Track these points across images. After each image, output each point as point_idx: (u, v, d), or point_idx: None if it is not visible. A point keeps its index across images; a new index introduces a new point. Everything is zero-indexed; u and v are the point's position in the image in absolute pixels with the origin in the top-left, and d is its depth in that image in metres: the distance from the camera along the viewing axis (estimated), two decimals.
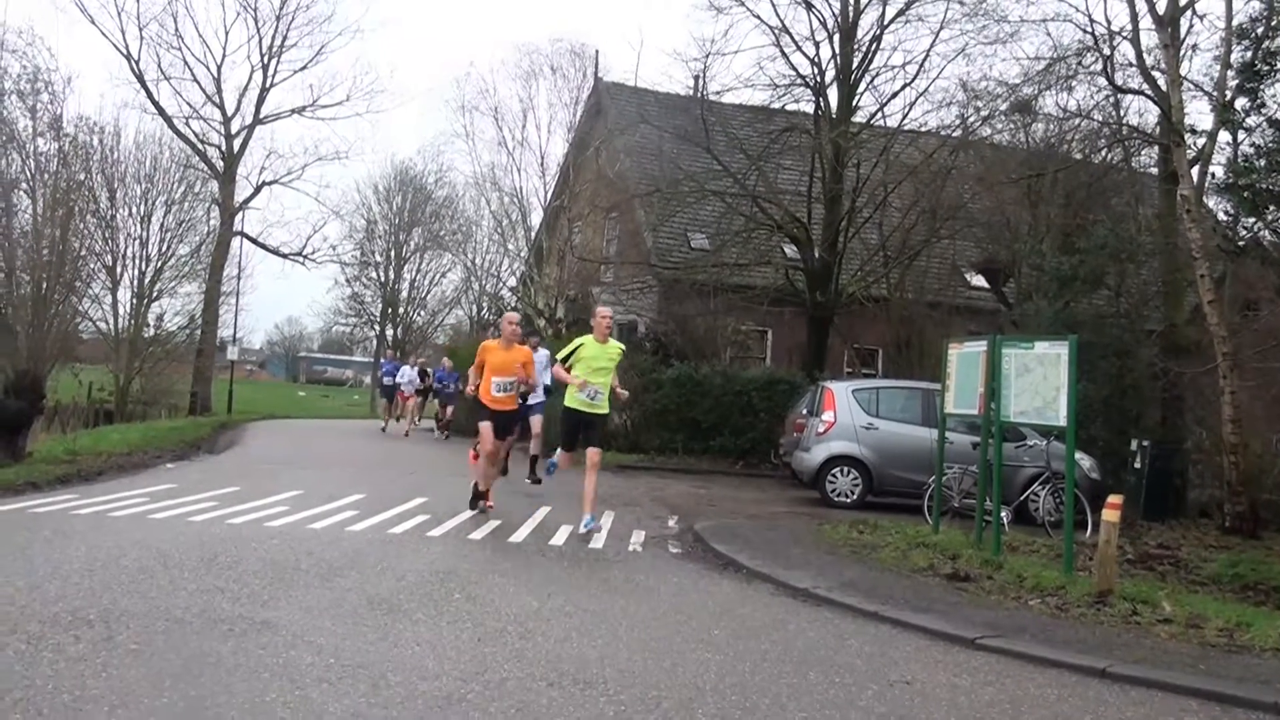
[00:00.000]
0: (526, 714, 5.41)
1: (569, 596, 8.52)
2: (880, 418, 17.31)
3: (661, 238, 27.53)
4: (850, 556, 11.22)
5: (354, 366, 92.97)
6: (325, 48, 52.04)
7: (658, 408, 23.08)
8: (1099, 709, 6.15)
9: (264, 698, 5.40)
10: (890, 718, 5.75)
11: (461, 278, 50.80)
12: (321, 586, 8.25)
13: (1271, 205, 12.52)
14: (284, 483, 14.97)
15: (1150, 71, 20.01)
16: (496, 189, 32.93)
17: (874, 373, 26.57)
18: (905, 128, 25.41)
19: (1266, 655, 7.50)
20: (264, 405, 43.13)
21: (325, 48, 52.04)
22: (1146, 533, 15.37)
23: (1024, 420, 11.57)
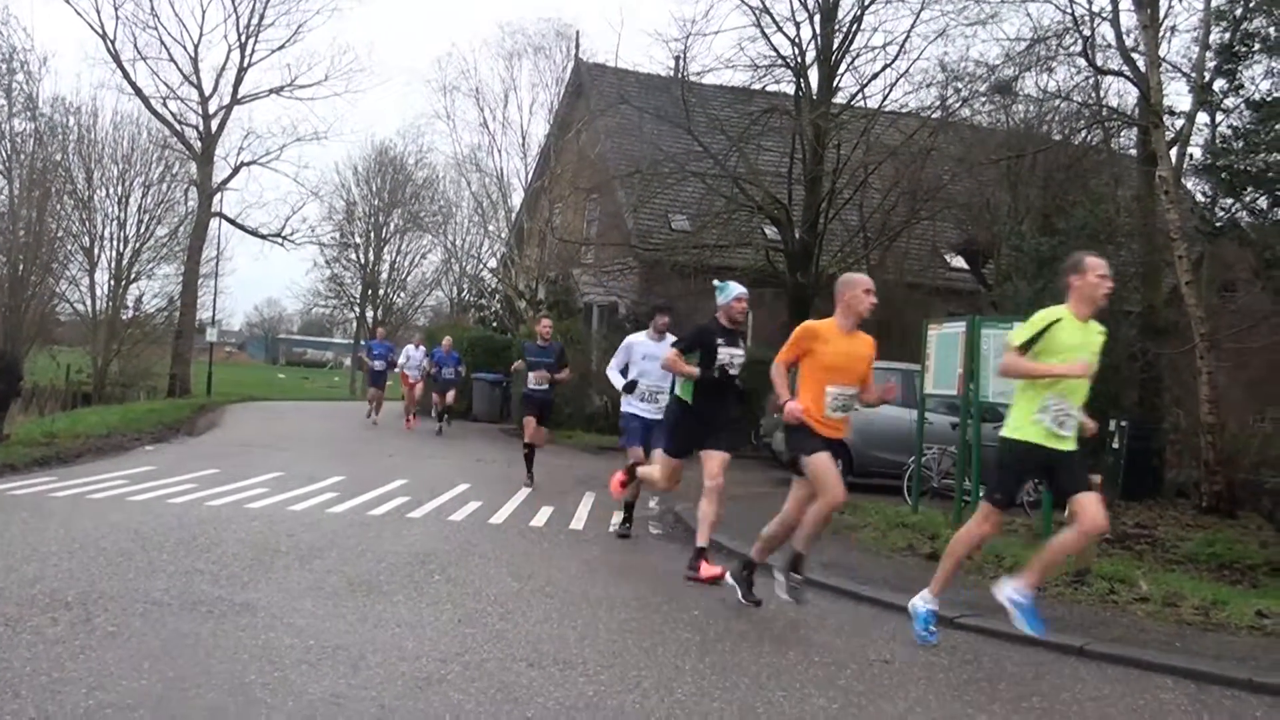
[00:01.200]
0: (506, 694, 5.42)
1: (549, 577, 8.53)
2: None
3: (642, 219, 27.49)
4: (830, 537, 11.23)
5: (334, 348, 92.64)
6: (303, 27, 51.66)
7: None
8: (1075, 686, 6.20)
9: (243, 679, 5.40)
10: (870, 696, 5.78)
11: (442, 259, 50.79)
12: (301, 568, 8.25)
13: (1249, 186, 12.57)
14: (263, 465, 14.95)
15: (1129, 53, 20.04)
16: (477, 170, 32.91)
17: None
18: (886, 109, 25.40)
19: (1241, 633, 7.57)
20: (244, 387, 42.95)
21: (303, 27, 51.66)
22: (1124, 512, 15.44)
23: (1003, 401, 11.60)
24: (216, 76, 41.46)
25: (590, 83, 30.32)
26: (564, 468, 17.46)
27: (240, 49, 41.11)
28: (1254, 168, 12.14)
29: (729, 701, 5.52)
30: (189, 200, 42.48)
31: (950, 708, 5.66)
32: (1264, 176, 12.03)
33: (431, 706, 5.16)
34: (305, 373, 76.79)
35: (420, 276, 57.76)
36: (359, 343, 58.66)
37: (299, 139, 57.58)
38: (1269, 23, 12.74)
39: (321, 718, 4.95)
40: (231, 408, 30.73)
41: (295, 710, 5.01)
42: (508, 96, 33.95)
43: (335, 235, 53.95)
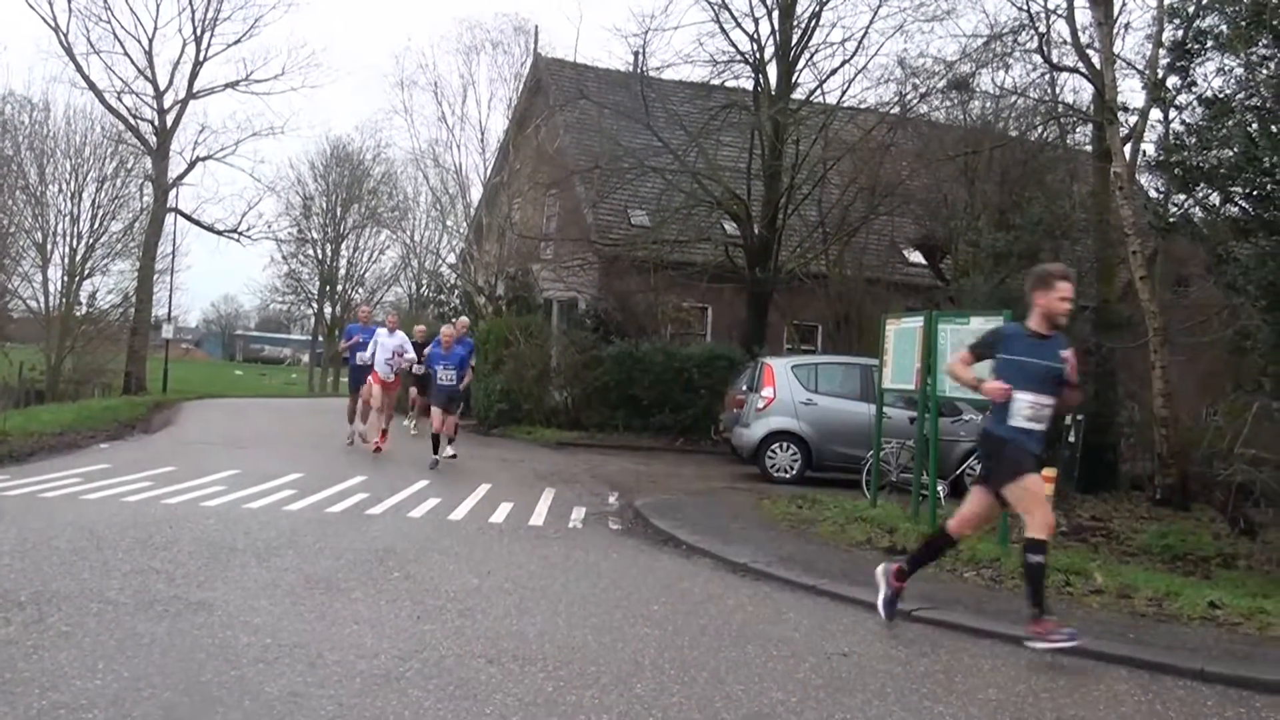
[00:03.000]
0: (465, 691, 5.41)
1: (509, 574, 8.51)
2: (819, 393, 17.42)
3: (602, 214, 27.47)
4: (789, 531, 11.31)
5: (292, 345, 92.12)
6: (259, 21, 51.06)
7: (598, 385, 23.09)
8: (1030, 678, 6.25)
9: (199, 678, 5.36)
10: (828, 689, 5.81)
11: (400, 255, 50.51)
12: (258, 566, 8.19)
13: (1201, 183, 12.70)
14: (220, 462, 14.82)
15: (1085, 50, 20.26)
16: (436, 165, 32.68)
17: (813, 349, 26.71)
18: (844, 105, 25.51)
19: (1194, 624, 7.66)
20: (200, 384, 42.61)
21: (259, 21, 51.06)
22: (1080, 505, 15.62)
23: (960, 395, 11.71)
24: (171, 70, 41.11)
25: (549, 78, 30.24)
26: (523, 463, 17.43)
27: (195, 43, 40.76)
28: (1206, 164, 12.26)
29: (688, 696, 5.53)
30: (144, 195, 42.03)
31: (907, 700, 5.70)
32: (1216, 173, 12.15)
33: (389, 704, 5.14)
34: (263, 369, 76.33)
35: (379, 272, 57.54)
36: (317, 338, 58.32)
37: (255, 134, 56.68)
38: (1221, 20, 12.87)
39: (279, 716, 4.93)
40: (188, 405, 30.44)
41: (252, 709, 4.98)
42: (466, 91, 33.86)
43: (292, 231, 53.71)
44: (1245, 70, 12.63)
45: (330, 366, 58.09)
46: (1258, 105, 12.12)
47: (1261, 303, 11.30)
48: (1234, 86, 12.85)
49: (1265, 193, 11.31)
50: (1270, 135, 11.33)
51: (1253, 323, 12.73)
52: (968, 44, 28.96)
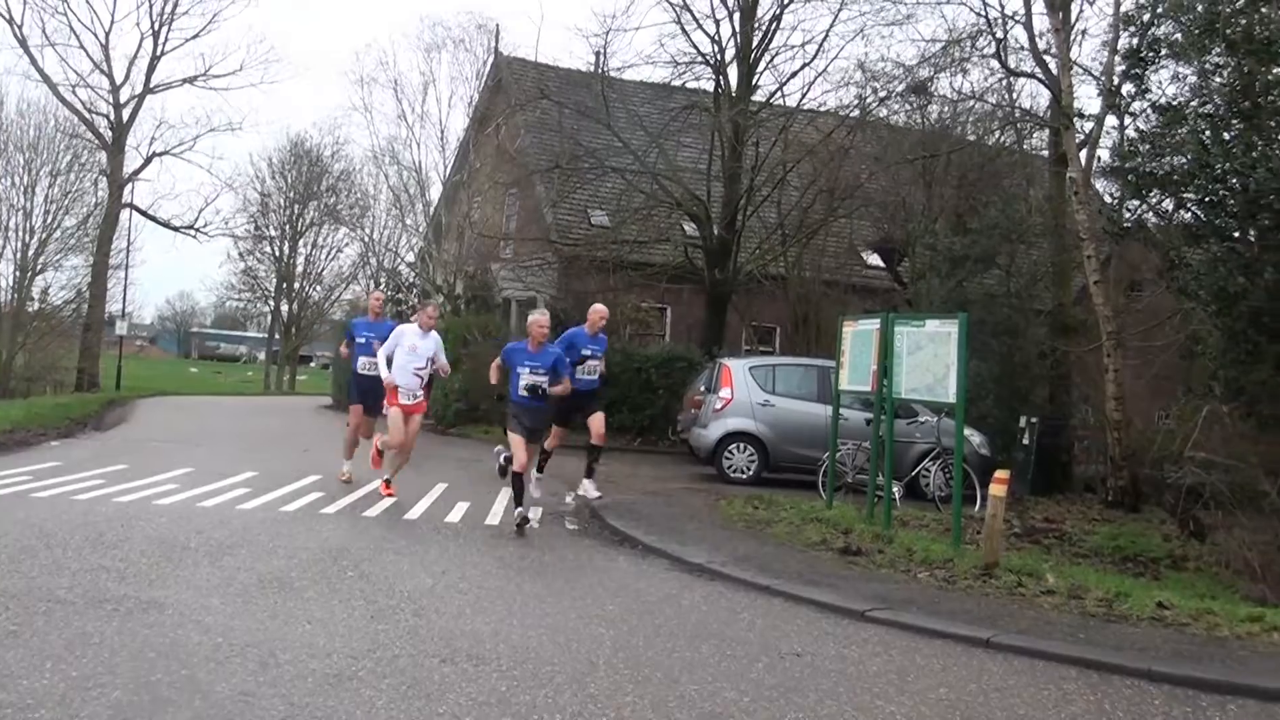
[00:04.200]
0: (418, 691, 5.39)
1: (464, 573, 8.49)
2: (777, 394, 17.47)
3: (561, 214, 27.43)
4: (745, 532, 11.33)
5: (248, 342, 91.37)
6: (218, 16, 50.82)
7: None
8: (982, 678, 6.30)
9: (149, 678, 5.31)
10: (781, 689, 5.83)
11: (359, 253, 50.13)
12: (211, 565, 8.12)
13: (1155, 189, 12.83)
14: (174, 460, 14.69)
15: (1042, 56, 20.44)
16: (395, 163, 32.54)
17: (771, 350, 26.79)
18: (804, 107, 25.62)
19: (1142, 624, 7.75)
20: (155, 382, 42.22)
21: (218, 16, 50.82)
22: (1034, 507, 15.76)
23: (915, 397, 11.79)
24: (128, 65, 40.73)
25: (510, 77, 30.17)
26: (480, 463, 17.36)
27: (153, 37, 40.37)
28: (1159, 170, 12.39)
29: (641, 696, 5.54)
30: (99, 190, 41.65)
31: (860, 699, 5.73)
32: (1169, 179, 12.29)
33: (342, 703, 5.12)
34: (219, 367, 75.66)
35: (337, 270, 57.03)
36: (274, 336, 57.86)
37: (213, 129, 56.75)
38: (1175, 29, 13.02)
39: (229, 716, 4.90)
40: (142, 402, 30.17)
41: (202, 709, 4.95)
42: (427, 89, 33.71)
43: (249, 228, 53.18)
44: (1198, 78, 12.78)
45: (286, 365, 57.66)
46: (1210, 113, 12.27)
47: (1212, 308, 11.44)
48: (1187, 94, 13.00)
49: (1217, 199, 11.45)
50: (1222, 143, 11.48)
51: (1204, 328, 12.89)
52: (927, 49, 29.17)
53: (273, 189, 54.16)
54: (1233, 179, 10.98)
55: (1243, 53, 11.63)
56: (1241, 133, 11.73)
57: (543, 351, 11.25)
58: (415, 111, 31.99)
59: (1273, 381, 11.37)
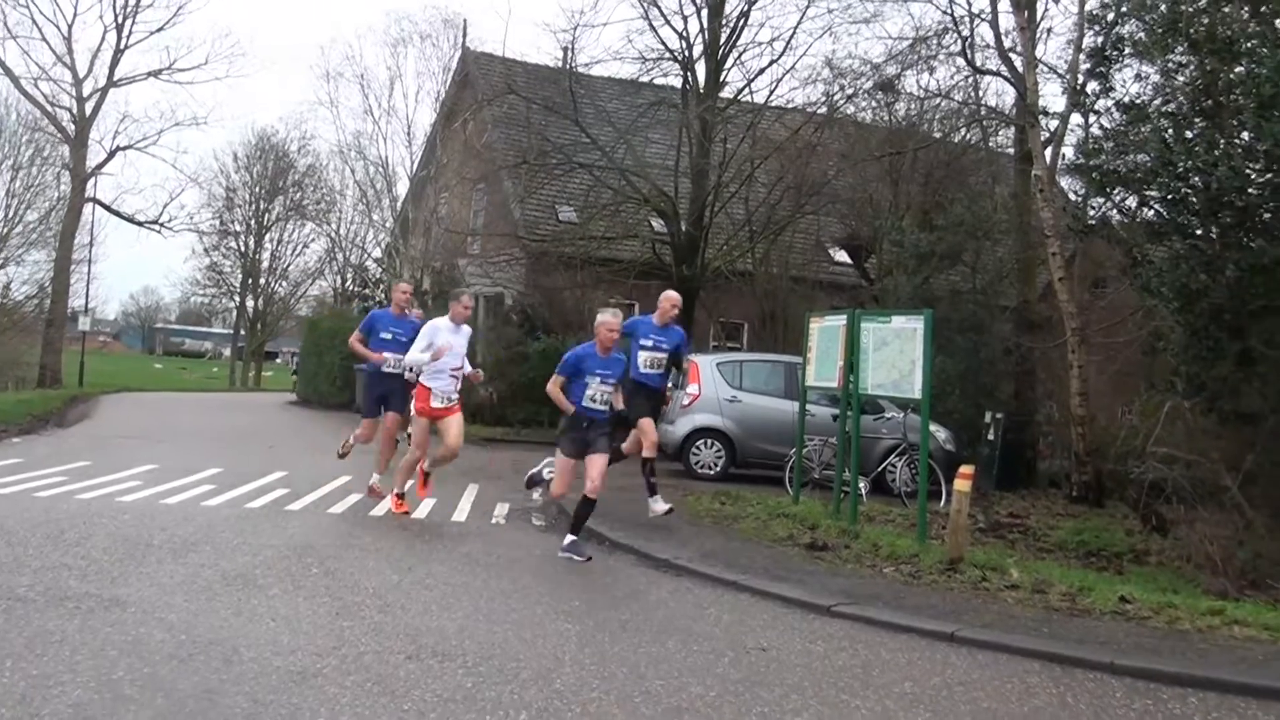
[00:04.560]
0: (383, 687, 5.38)
1: (430, 570, 8.47)
2: (744, 390, 17.49)
3: (529, 210, 27.37)
4: (712, 527, 11.35)
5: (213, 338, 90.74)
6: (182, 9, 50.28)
7: (524, 380, 22.98)
8: (946, 671, 6.34)
9: (111, 675, 5.27)
10: (746, 683, 5.85)
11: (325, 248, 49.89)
12: (174, 562, 8.07)
13: (1118, 186, 12.91)
14: (137, 457, 14.59)
15: (1008, 54, 20.54)
16: (362, 158, 32.43)
17: (739, 346, 26.83)
18: (772, 104, 25.66)
19: (1105, 618, 7.81)
20: (118, 378, 41.85)
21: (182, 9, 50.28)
22: (999, 502, 15.86)
23: (881, 393, 11.84)
24: (92, 58, 40.45)
25: (477, 72, 30.07)
26: None
27: (116, 30, 39.99)
28: (1123, 168, 12.47)
29: (607, 691, 5.54)
30: (61, 185, 41.24)
31: (825, 694, 5.75)
32: (1132, 177, 12.37)
33: (306, 700, 5.10)
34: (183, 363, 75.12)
35: (303, 265, 56.70)
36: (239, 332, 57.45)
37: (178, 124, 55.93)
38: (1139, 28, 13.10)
39: (192, 713, 4.86)
40: (105, 398, 29.92)
41: (165, 707, 4.91)
42: (393, 84, 33.72)
43: (215, 223, 52.83)
44: (1162, 76, 12.87)
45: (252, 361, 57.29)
46: (1173, 111, 12.36)
47: (1174, 304, 11.53)
48: (1151, 92, 13.09)
49: (1179, 197, 11.53)
50: (1184, 141, 11.57)
51: (1166, 324, 13.00)
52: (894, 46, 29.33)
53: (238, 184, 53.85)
54: (1194, 177, 11.07)
55: (1205, 52, 11.73)
56: (1203, 131, 11.83)
57: (612, 359, 9.97)
58: (382, 106, 31.91)
59: (1233, 378, 11.49)
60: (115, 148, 41.67)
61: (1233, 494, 11.43)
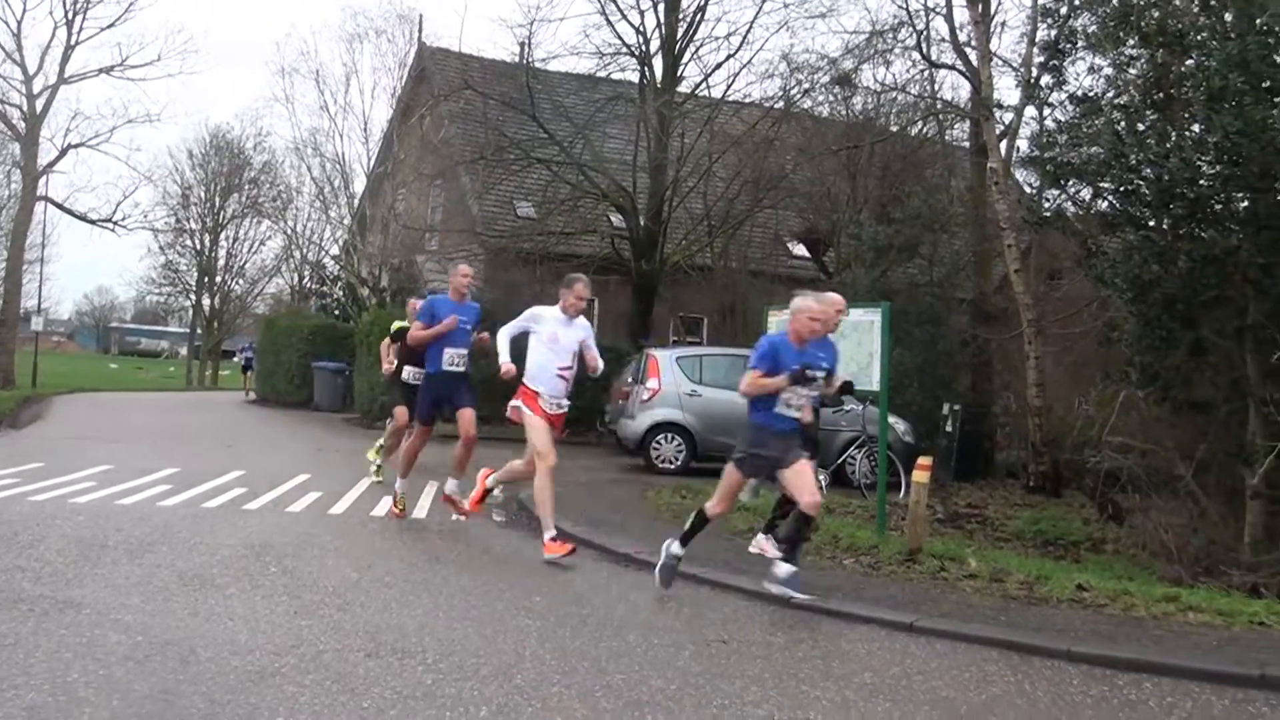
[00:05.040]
0: (343, 685, 5.34)
1: (389, 567, 8.43)
2: (704, 384, 17.53)
3: (487, 205, 27.30)
4: (673, 521, 11.32)
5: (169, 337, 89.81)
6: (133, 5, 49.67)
7: (483, 377, 22.86)
8: (905, 661, 6.38)
9: (66, 678, 5.21)
10: (707, 676, 5.86)
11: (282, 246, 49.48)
12: (130, 563, 7.99)
13: (1072, 178, 13.04)
14: (92, 458, 14.43)
15: (962, 48, 20.71)
16: (318, 155, 32.20)
17: (699, 340, 26.89)
18: (729, 99, 25.73)
19: (1062, 606, 7.88)
20: (73, 378, 41.33)
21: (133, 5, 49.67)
22: (957, 493, 15.98)
23: None
24: (42, 54, 39.74)
25: (434, 67, 29.94)
26: None
27: (67, 26, 39.38)
28: (1077, 160, 12.59)
29: (568, 686, 5.54)
30: (11, 183, 40.69)
31: (785, 685, 5.77)
32: (1086, 169, 12.49)
33: (264, 700, 5.06)
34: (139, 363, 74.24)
35: (260, 263, 56.17)
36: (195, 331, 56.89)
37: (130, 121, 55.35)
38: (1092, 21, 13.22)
39: (148, 715, 4.82)
40: (59, 399, 29.59)
41: (120, 708, 4.86)
42: (349, 80, 33.60)
43: (169, 220, 52.19)
44: (1114, 69, 13.00)
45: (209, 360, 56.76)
46: (1125, 104, 12.48)
47: (1128, 295, 11.65)
48: (1103, 85, 13.22)
49: (1131, 188, 11.64)
50: (1136, 133, 11.68)
51: (1120, 314, 13.12)
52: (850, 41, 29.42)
53: (193, 181, 53.22)
54: (1146, 169, 11.18)
55: (1156, 45, 11.85)
56: (1155, 123, 11.96)
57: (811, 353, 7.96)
58: (338, 102, 31.73)
59: (1186, 367, 11.62)
60: (67, 145, 41.11)
61: (1186, 482, 11.57)
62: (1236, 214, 10.99)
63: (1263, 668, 6.18)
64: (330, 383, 28.12)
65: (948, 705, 5.59)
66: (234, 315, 56.59)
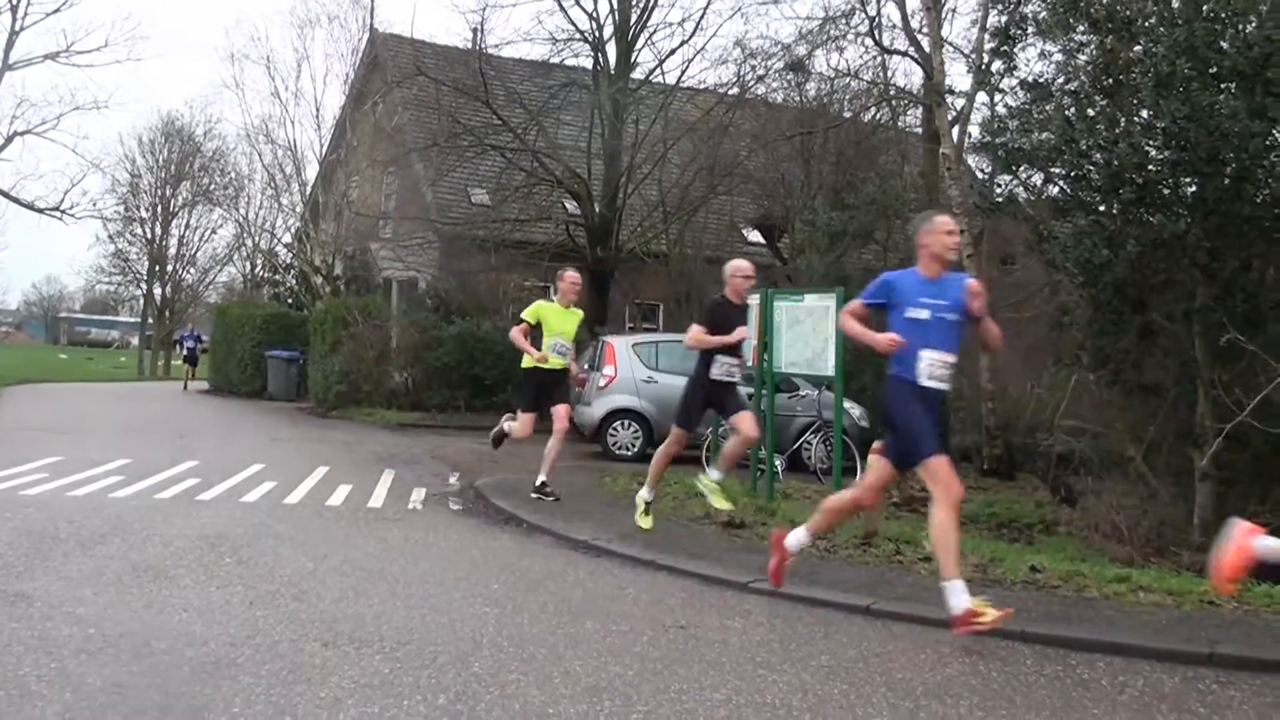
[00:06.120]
0: (299, 675, 5.32)
1: (346, 556, 8.39)
2: (660, 371, 17.56)
3: (441, 193, 27.18)
4: (630, 508, 11.35)
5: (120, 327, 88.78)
6: None
7: (439, 365, 22.84)
8: (862, 643, 6.42)
9: (17, 672, 5.15)
10: (665, 661, 5.87)
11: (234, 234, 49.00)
12: (82, 555, 7.90)
13: (1023, 163, 13.16)
14: (42, 449, 14.25)
15: (914, 34, 20.84)
16: (270, 142, 31.90)
17: (655, 327, 26.93)
18: (683, 85, 25.77)
19: (1016, 587, 7.96)
20: (21, 369, 40.77)
21: None
22: (912, 477, 16.02)
23: (795, 371, 11.95)
24: None
25: (386, 54, 29.73)
26: (362, 445, 17.17)
27: (11, 11, 38.76)
28: (1028, 146, 12.71)
29: (526, 673, 5.53)
30: None
31: (743, 669, 5.80)
32: (1036, 154, 12.60)
33: (219, 691, 5.02)
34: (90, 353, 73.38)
35: (211, 252, 55.54)
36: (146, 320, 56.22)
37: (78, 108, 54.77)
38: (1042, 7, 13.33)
39: (101, 707, 4.77)
40: (7, 391, 29.20)
41: (73, 701, 4.81)
42: (300, 66, 33.24)
43: (119, 209, 51.52)
44: (1064, 55, 13.12)
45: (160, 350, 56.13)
46: (1075, 89, 12.60)
47: (1079, 279, 11.78)
48: (1053, 71, 13.34)
49: (1081, 174, 11.77)
50: (1086, 119, 11.80)
51: (1071, 299, 13.27)
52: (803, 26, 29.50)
53: (143, 169, 52.54)
54: (1096, 154, 11.30)
55: (1105, 31, 11.98)
56: (1104, 109, 12.09)
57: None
58: (289, 89, 31.66)
59: (1136, 350, 11.78)
60: (13, 133, 40.49)
61: (1137, 464, 11.73)
62: (1184, 199, 11.12)
63: (1212, 646, 6.28)
64: (284, 371, 27.95)
65: (904, 686, 5.63)
66: (185, 304, 55.94)
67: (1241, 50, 10.27)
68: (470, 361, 22.67)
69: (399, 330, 24.16)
